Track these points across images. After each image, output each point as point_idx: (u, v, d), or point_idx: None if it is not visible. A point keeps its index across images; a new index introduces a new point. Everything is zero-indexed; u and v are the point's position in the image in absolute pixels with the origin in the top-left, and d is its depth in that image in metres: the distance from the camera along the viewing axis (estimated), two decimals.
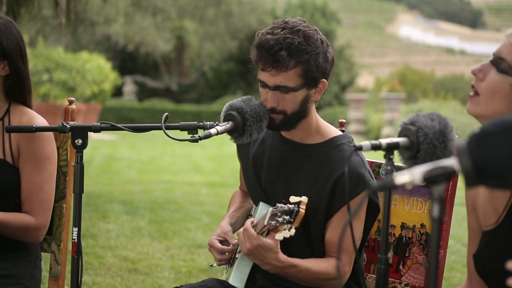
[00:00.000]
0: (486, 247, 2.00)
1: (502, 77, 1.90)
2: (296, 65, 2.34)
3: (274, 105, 2.38)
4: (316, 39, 2.37)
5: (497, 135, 1.41)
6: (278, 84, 2.36)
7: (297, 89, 2.37)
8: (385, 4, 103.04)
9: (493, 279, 1.97)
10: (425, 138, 1.99)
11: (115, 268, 4.99)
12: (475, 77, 1.95)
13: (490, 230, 2.00)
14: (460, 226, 7.08)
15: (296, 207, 2.13)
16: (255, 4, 29.62)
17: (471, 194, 2.10)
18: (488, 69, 1.93)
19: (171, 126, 2.34)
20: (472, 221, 2.12)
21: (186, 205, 7.89)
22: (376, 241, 2.64)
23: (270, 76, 2.37)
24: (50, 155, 2.62)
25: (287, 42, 2.32)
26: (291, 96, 2.38)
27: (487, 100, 1.92)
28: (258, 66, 2.40)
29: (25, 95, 2.68)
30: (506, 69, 1.89)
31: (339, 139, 2.47)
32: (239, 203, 2.72)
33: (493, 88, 1.91)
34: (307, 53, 2.34)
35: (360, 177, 2.38)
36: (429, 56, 71.78)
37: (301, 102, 2.40)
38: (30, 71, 2.71)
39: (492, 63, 1.92)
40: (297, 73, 2.35)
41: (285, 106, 2.39)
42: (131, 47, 28.29)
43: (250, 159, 2.57)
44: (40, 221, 2.61)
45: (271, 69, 2.35)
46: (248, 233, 2.27)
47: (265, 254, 2.26)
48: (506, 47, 1.90)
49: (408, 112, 17.94)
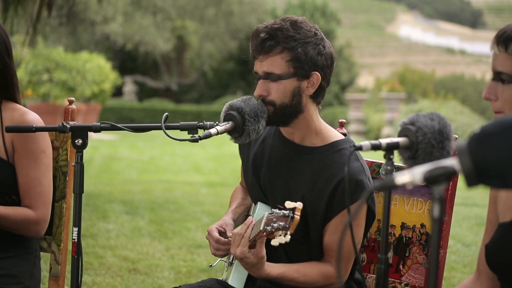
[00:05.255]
0: (501, 238, 2.01)
1: (509, 87, 1.92)
2: (283, 50, 2.35)
3: (263, 93, 2.38)
4: (308, 30, 2.37)
5: (498, 135, 1.41)
6: (265, 70, 2.37)
7: (285, 77, 2.36)
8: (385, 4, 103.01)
9: (504, 271, 1.98)
10: (424, 137, 1.99)
11: (115, 268, 4.99)
12: (490, 101, 1.98)
13: (507, 223, 2.02)
14: (460, 226, 7.08)
15: (291, 213, 2.13)
16: (256, 4, 29.61)
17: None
18: (495, 88, 1.95)
19: (171, 126, 2.33)
20: (491, 214, 2.13)
21: (186, 205, 7.89)
22: (376, 241, 2.64)
23: (259, 64, 2.39)
24: (45, 149, 2.63)
25: (273, 27, 2.36)
26: (279, 84, 2.37)
27: (511, 112, 1.93)
28: (253, 58, 2.43)
29: (14, 92, 2.68)
30: (508, 79, 1.91)
31: (340, 143, 2.46)
32: (240, 199, 2.72)
33: (509, 100, 1.93)
34: (294, 40, 2.34)
35: (359, 183, 2.38)
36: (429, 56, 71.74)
37: (292, 93, 2.38)
38: (30, 71, 2.71)
39: (495, 80, 1.95)
40: (284, 59, 2.35)
41: (274, 96, 2.38)
42: (130, 46, 28.28)
43: (251, 158, 2.57)
44: (40, 214, 2.61)
45: (259, 55, 2.38)
46: (244, 240, 2.30)
47: (246, 266, 2.31)
48: (496, 60, 1.93)
49: (408, 112, 17.94)
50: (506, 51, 1.90)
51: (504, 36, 1.90)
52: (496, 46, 1.92)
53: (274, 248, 2.30)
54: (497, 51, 1.92)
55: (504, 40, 1.90)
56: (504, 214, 2.05)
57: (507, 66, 1.90)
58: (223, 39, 29.88)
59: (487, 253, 2.03)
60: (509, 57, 1.90)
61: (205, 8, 28.96)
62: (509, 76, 1.90)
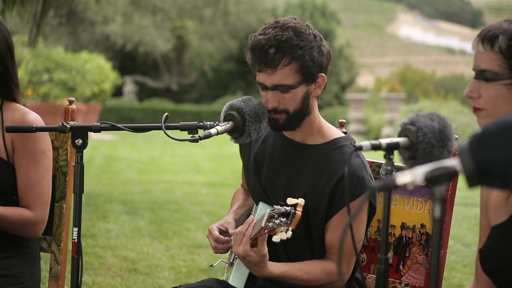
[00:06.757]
0: (493, 241, 2.01)
1: (494, 85, 1.93)
2: (291, 61, 2.34)
3: (276, 105, 2.38)
4: (308, 34, 2.36)
5: (499, 135, 1.41)
6: (275, 83, 2.36)
7: (296, 86, 2.37)
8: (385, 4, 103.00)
9: (498, 274, 1.98)
10: (424, 137, 1.99)
11: (115, 268, 4.99)
12: (472, 99, 1.98)
13: (499, 224, 2.01)
14: (460, 226, 7.08)
15: (293, 209, 2.13)
16: (254, 3, 29.59)
17: (485, 193, 2.12)
18: (478, 86, 1.96)
19: (171, 126, 2.33)
20: (483, 220, 2.13)
21: (186, 205, 7.88)
22: (376, 241, 2.64)
23: (266, 76, 2.37)
24: (45, 149, 2.62)
25: (277, 39, 2.33)
26: (291, 94, 2.37)
27: (494, 110, 1.94)
28: (255, 69, 2.40)
29: (15, 92, 2.68)
30: (492, 77, 1.92)
31: (340, 140, 2.47)
32: (242, 200, 2.72)
33: (493, 98, 1.93)
34: (300, 49, 2.33)
35: (360, 179, 2.38)
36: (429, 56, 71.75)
37: (302, 99, 2.39)
38: (30, 71, 2.72)
39: (478, 78, 1.96)
40: (293, 70, 2.35)
41: (287, 105, 2.38)
42: (130, 46, 28.27)
43: (252, 158, 2.57)
44: (38, 215, 2.61)
45: (266, 68, 2.35)
46: (246, 239, 2.29)
47: (248, 264, 2.31)
48: (480, 59, 1.94)
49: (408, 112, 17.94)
50: (492, 49, 1.91)
51: (489, 34, 1.92)
52: (481, 44, 1.94)
53: (274, 248, 2.30)
54: (481, 49, 1.94)
55: (489, 38, 1.92)
56: (495, 217, 2.04)
57: (493, 64, 1.92)
58: (223, 38, 29.87)
59: (481, 258, 2.02)
60: (494, 55, 1.91)
61: (203, 8, 28.95)
62: (494, 73, 1.92)
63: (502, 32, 1.90)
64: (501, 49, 1.90)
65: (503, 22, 1.93)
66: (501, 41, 1.90)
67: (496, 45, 1.90)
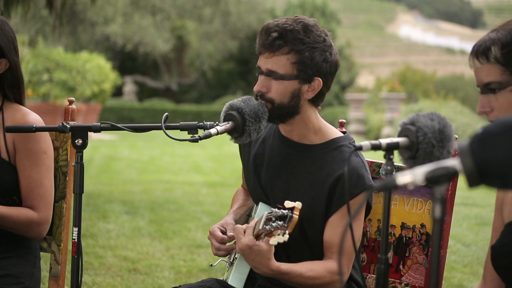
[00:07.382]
0: (507, 237, 2.02)
1: (502, 94, 1.95)
2: (290, 52, 2.34)
3: (263, 89, 2.38)
4: (318, 35, 2.37)
5: (499, 135, 1.41)
6: (269, 68, 2.37)
7: (287, 78, 2.36)
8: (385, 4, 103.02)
9: (509, 270, 1.98)
10: (424, 137, 1.99)
11: (115, 268, 4.99)
12: (486, 115, 2.00)
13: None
14: (460, 226, 7.08)
15: (290, 213, 2.13)
16: (254, 3, 29.61)
17: (501, 194, 2.12)
18: (487, 100, 1.98)
19: (171, 126, 2.33)
20: (497, 221, 2.14)
21: (186, 205, 7.88)
22: (376, 241, 2.64)
23: (264, 60, 2.39)
24: (46, 150, 2.63)
25: (283, 27, 2.35)
26: (281, 84, 2.37)
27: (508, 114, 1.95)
28: (257, 52, 2.42)
29: (20, 93, 2.68)
30: (498, 87, 1.94)
31: (340, 140, 2.46)
32: (242, 200, 2.72)
33: (505, 106, 1.95)
34: (303, 44, 2.34)
35: (360, 178, 2.38)
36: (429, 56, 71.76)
37: (291, 94, 2.38)
38: (30, 71, 2.73)
39: (485, 93, 1.98)
40: (289, 61, 2.35)
41: (273, 94, 2.38)
42: (130, 46, 28.28)
43: (251, 158, 2.57)
44: (42, 215, 2.61)
45: (265, 51, 2.37)
46: (250, 230, 2.27)
47: (256, 258, 2.27)
48: (480, 74, 1.97)
49: (408, 112, 17.94)
50: (488, 61, 1.94)
51: (481, 48, 1.95)
52: (476, 60, 1.96)
53: (274, 249, 2.29)
54: (478, 65, 1.96)
55: (483, 52, 1.94)
56: (510, 214, 2.05)
57: (494, 74, 1.94)
58: (223, 39, 29.88)
59: (493, 254, 2.03)
60: (492, 66, 1.94)
61: (203, 8, 28.97)
62: (498, 83, 1.94)
63: (493, 43, 1.93)
64: (497, 58, 1.92)
65: (490, 33, 1.96)
66: (495, 51, 1.93)
67: (491, 57, 1.93)
